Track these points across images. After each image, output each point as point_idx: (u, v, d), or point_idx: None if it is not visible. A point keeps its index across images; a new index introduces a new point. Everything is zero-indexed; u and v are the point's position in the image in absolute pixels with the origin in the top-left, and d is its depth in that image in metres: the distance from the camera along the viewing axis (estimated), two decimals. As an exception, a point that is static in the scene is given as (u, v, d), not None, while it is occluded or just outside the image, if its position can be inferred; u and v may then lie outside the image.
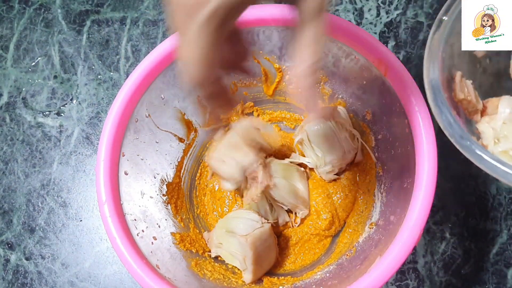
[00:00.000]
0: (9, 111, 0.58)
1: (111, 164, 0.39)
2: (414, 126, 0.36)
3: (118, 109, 0.40)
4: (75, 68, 0.58)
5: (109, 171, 0.38)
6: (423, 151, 0.35)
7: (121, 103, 0.40)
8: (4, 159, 0.56)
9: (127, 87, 0.40)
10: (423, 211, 0.33)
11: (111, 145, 0.39)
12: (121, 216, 0.38)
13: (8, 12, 0.61)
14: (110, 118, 0.39)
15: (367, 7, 0.57)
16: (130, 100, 0.40)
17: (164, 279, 0.36)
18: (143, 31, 0.59)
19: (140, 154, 0.43)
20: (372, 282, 0.32)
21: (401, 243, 0.33)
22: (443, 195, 0.50)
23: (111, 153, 0.39)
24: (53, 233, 0.53)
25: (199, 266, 0.43)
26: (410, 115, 0.36)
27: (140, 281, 0.35)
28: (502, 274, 0.48)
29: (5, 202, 0.54)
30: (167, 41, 0.40)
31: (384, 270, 0.33)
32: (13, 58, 0.60)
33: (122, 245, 0.36)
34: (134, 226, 0.39)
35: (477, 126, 0.39)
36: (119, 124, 0.39)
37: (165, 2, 0.31)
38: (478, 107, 0.39)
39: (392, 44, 0.56)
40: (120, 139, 0.40)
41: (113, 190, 0.38)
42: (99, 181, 0.38)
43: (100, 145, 0.39)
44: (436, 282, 0.48)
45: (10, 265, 0.52)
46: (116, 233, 0.36)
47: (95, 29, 0.60)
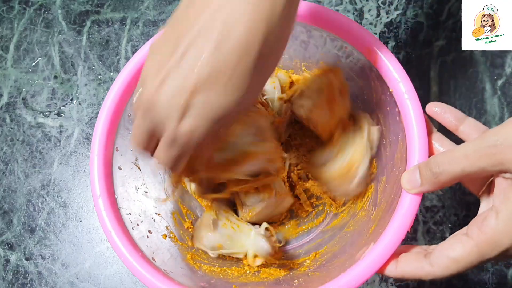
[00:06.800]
0: (9, 111, 0.58)
1: (105, 159, 0.39)
2: (405, 114, 0.36)
3: (110, 103, 0.40)
4: (75, 69, 0.58)
5: (103, 166, 0.39)
6: (413, 138, 0.35)
7: (113, 97, 0.40)
8: (4, 159, 0.56)
9: (119, 82, 0.40)
10: (415, 198, 0.33)
11: (105, 140, 0.39)
12: (116, 210, 0.38)
13: (8, 12, 0.61)
14: (103, 113, 0.40)
15: (367, 8, 0.57)
16: (123, 95, 0.40)
17: (160, 271, 0.36)
18: (143, 32, 0.59)
19: (133, 149, 0.43)
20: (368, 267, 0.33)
21: (394, 229, 0.33)
22: (443, 195, 0.50)
23: (105, 148, 0.39)
24: (53, 234, 0.53)
25: (195, 259, 0.43)
26: (400, 103, 0.36)
27: (136, 272, 0.35)
28: (502, 274, 0.48)
29: (5, 203, 0.54)
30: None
31: (378, 255, 0.33)
32: (13, 58, 0.60)
33: (117, 238, 0.36)
34: (129, 220, 0.39)
35: None
36: (112, 119, 0.40)
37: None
38: None
39: (392, 44, 0.56)
40: (113, 134, 0.40)
41: (107, 184, 0.38)
42: (93, 175, 0.38)
43: (94, 140, 0.39)
44: (436, 282, 0.48)
45: (10, 265, 0.52)
46: (111, 226, 0.37)
47: (95, 30, 0.60)
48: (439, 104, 0.35)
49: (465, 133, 0.34)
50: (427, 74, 0.54)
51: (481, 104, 0.53)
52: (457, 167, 0.29)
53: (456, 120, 0.34)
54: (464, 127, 0.34)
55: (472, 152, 0.28)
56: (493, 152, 0.27)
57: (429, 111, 0.35)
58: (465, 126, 0.34)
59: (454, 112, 0.34)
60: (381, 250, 0.33)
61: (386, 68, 0.37)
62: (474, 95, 0.53)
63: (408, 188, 0.33)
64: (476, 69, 0.54)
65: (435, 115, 0.35)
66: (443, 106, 0.35)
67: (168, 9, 0.60)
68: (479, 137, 0.29)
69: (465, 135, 0.34)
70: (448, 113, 0.35)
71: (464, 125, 0.34)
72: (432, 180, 0.31)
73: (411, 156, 0.35)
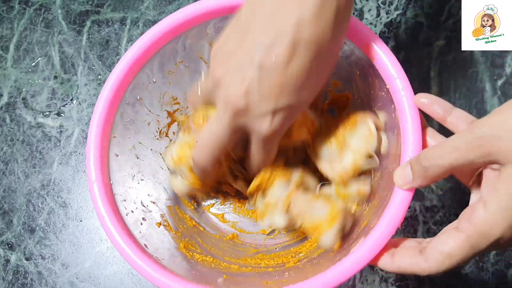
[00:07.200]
0: (9, 111, 0.58)
1: (102, 145, 0.39)
2: (400, 110, 0.36)
3: (109, 91, 0.40)
4: (75, 69, 0.58)
5: (99, 152, 0.39)
6: (408, 133, 0.35)
7: (112, 85, 0.40)
8: (4, 159, 0.56)
9: (118, 70, 0.40)
10: (407, 193, 0.33)
11: (102, 126, 0.39)
12: (110, 195, 0.38)
13: (8, 12, 0.61)
14: (102, 99, 0.40)
15: (367, 8, 0.57)
16: (122, 82, 0.40)
17: (152, 257, 0.36)
18: (143, 32, 0.59)
19: (131, 137, 0.44)
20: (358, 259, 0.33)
21: (384, 224, 0.33)
22: (443, 195, 0.50)
23: (102, 134, 0.39)
24: (53, 234, 0.53)
25: (188, 248, 0.43)
26: (396, 100, 0.36)
27: (127, 258, 0.35)
28: (502, 274, 0.48)
29: (5, 203, 0.54)
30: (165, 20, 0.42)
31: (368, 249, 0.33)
32: (13, 58, 0.60)
33: (111, 223, 0.37)
34: (124, 207, 0.40)
35: None
36: (110, 106, 0.40)
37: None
38: None
39: (392, 44, 0.56)
40: (111, 120, 0.40)
41: (103, 169, 0.39)
42: (89, 160, 0.38)
43: (91, 126, 0.39)
44: (436, 282, 0.48)
45: (10, 265, 0.52)
46: (105, 212, 0.37)
47: (95, 30, 0.60)
48: (427, 95, 0.35)
49: (453, 124, 0.34)
50: (427, 74, 0.54)
51: (481, 104, 0.53)
52: (446, 161, 0.29)
53: (444, 111, 0.34)
54: (452, 117, 0.34)
55: (460, 144, 0.29)
56: (480, 144, 0.27)
57: (416, 102, 0.35)
58: (453, 117, 0.34)
59: (441, 103, 0.34)
60: (371, 244, 0.33)
61: (383, 63, 0.37)
62: (474, 95, 0.53)
63: (400, 184, 0.33)
64: (476, 69, 0.54)
65: (422, 106, 0.35)
66: (431, 97, 0.34)
67: (168, 9, 0.60)
68: (467, 130, 0.29)
69: (453, 126, 0.34)
70: (435, 104, 0.34)
71: (451, 116, 0.34)
72: (423, 174, 0.31)
73: (404, 152, 0.35)
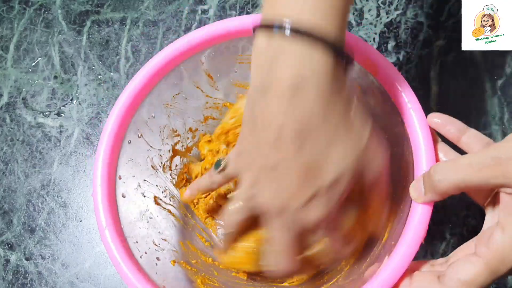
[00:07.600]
0: (9, 111, 0.58)
1: (108, 188, 0.38)
2: (409, 123, 0.36)
3: (111, 130, 0.39)
4: (75, 69, 0.58)
5: (107, 196, 0.37)
6: (420, 147, 0.35)
7: (113, 124, 0.39)
8: (4, 159, 0.56)
9: (119, 106, 0.39)
10: (426, 208, 0.33)
11: (107, 168, 0.38)
12: (122, 239, 0.37)
13: (8, 12, 0.61)
14: (104, 141, 0.38)
15: (367, 8, 0.57)
16: (122, 120, 0.39)
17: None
18: (143, 32, 0.59)
19: (135, 175, 0.43)
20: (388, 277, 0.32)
21: (407, 243, 0.32)
22: (443, 195, 0.50)
23: (108, 177, 0.38)
24: (53, 234, 0.53)
25: (205, 283, 0.42)
26: (402, 112, 0.36)
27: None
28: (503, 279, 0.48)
29: (5, 203, 0.54)
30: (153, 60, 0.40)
31: (394, 268, 0.32)
32: (13, 58, 0.60)
33: (127, 269, 0.35)
34: (137, 249, 0.38)
35: None
36: (113, 146, 0.39)
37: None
38: None
39: (392, 44, 0.56)
40: (115, 161, 0.39)
41: (113, 215, 0.37)
42: (97, 206, 0.37)
43: (95, 170, 0.38)
44: None
45: (10, 265, 0.52)
46: (119, 257, 0.35)
47: (95, 30, 0.60)
48: (440, 115, 0.35)
49: (467, 144, 0.34)
50: (427, 74, 0.54)
51: (481, 104, 0.53)
52: (458, 176, 0.29)
53: (458, 131, 0.34)
54: (466, 138, 0.34)
55: (473, 161, 0.28)
56: (495, 164, 0.27)
57: (430, 122, 0.35)
58: (467, 137, 0.34)
59: (455, 123, 0.34)
60: (394, 268, 0.32)
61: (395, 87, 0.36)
62: (474, 95, 0.53)
63: (415, 197, 0.33)
64: (476, 69, 0.54)
65: (436, 126, 0.35)
66: (444, 117, 0.35)
67: (168, 9, 0.60)
68: (483, 149, 0.29)
69: (467, 146, 0.34)
70: (449, 124, 0.34)
71: (465, 136, 0.34)
72: (434, 189, 0.31)
73: (418, 166, 0.34)
